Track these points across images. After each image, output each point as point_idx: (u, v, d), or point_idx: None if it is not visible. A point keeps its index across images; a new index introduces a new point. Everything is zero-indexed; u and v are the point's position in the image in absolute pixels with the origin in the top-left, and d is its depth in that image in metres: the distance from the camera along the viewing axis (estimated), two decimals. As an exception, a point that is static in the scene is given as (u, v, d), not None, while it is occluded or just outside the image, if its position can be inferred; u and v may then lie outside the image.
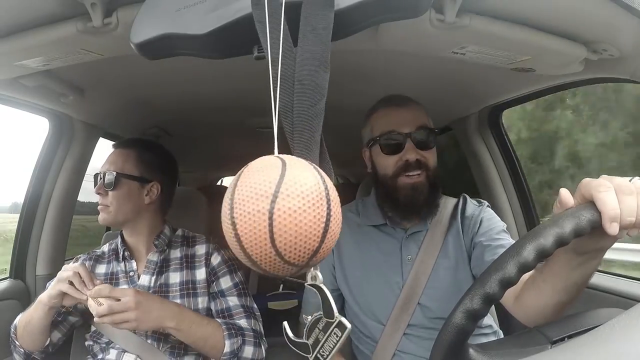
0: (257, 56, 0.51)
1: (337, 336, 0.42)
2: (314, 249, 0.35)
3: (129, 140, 1.11)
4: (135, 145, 1.07)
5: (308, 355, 0.44)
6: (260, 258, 0.35)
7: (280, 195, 0.33)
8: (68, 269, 0.90)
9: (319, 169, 0.38)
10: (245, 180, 0.35)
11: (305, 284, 0.43)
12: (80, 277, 0.88)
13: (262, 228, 0.33)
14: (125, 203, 1.01)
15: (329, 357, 0.43)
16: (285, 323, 0.46)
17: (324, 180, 0.36)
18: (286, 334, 0.45)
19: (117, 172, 1.00)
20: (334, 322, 0.42)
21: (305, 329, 0.44)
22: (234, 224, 0.34)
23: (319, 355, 0.43)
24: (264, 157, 0.37)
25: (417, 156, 0.90)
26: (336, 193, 0.37)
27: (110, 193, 1.00)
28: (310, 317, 0.44)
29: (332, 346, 0.42)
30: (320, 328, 0.43)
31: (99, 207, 1.01)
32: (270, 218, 0.33)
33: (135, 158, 1.04)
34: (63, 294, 0.89)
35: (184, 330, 0.90)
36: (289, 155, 0.38)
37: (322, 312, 0.43)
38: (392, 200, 0.93)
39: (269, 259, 0.34)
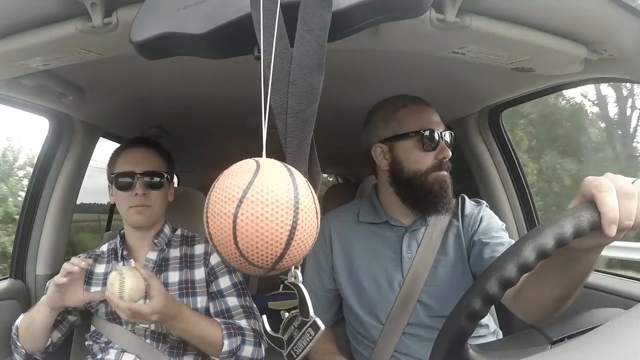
0: (257, 56, 0.51)
1: (310, 335, 0.43)
2: (277, 255, 0.36)
3: (148, 140, 1.10)
4: (155, 144, 1.08)
5: (282, 351, 0.45)
6: (228, 257, 0.37)
7: (246, 201, 0.34)
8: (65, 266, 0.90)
9: (296, 176, 0.38)
10: (220, 182, 0.37)
11: (285, 282, 0.44)
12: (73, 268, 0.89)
13: (227, 230, 0.35)
14: (164, 202, 1.05)
15: (301, 355, 0.44)
16: (264, 316, 0.47)
17: (296, 189, 0.36)
18: (264, 327, 0.47)
19: (164, 172, 1.03)
20: (309, 321, 0.43)
21: (281, 325, 0.45)
22: (207, 222, 0.37)
23: (292, 351, 0.45)
24: (243, 161, 0.39)
25: (450, 155, 0.92)
26: (311, 203, 0.37)
27: (153, 193, 1.01)
28: (287, 313, 0.45)
29: (304, 345, 0.44)
30: (296, 326, 0.44)
31: (137, 208, 1.00)
32: (234, 222, 0.34)
33: (162, 157, 1.06)
34: (60, 292, 0.90)
35: (183, 327, 0.91)
36: (268, 160, 0.39)
37: (298, 311, 0.44)
38: (421, 196, 0.92)
39: (235, 259, 0.36)
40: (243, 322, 0.99)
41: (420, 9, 0.54)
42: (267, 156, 0.41)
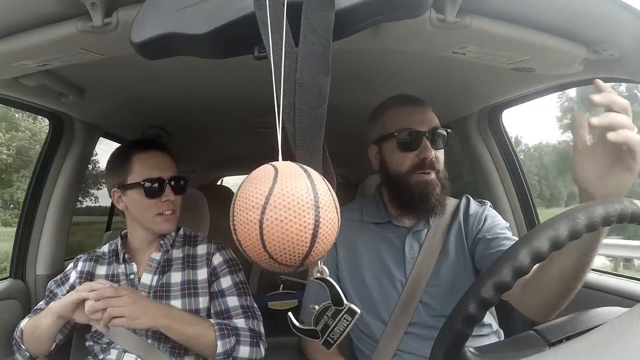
0: (257, 56, 0.51)
1: (347, 321, 0.46)
2: (304, 253, 0.38)
3: (159, 142, 1.09)
4: (166, 147, 1.07)
5: (317, 340, 0.47)
6: (257, 259, 0.39)
7: (269, 206, 0.36)
8: (91, 284, 0.90)
9: (313, 176, 0.39)
10: (243, 191, 0.39)
11: (312, 279, 0.46)
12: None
13: (254, 235, 0.37)
14: (180, 206, 1.04)
15: (339, 339, 0.47)
16: (290, 313, 0.49)
17: (315, 189, 0.38)
18: (292, 323, 0.48)
19: (187, 177, 1.03)
20: (344, 308, 0.46)
21: (313, 317, 0.47)
22: (235, 230, 0.39)
23: (328, 338, 0.47)
24: (260, 168, 0.40)
25: (432, 155, 0.91)
26: (330, 199, 0.39)
27: (177, 198, 1.01)
28: (317, 306, 0.47)
29: (342, 330, 0.46)
30: (329, 315, 0.47)
31: (167, 214, 1.00)
32: (260, 227, 0.37)
33: (174, 160, 1.06)
34: (76, 305, 0.89)
35: (175, 329, 0.91)
36: (285, 163, 0.40)
37: (330, 302, 0.46)
38: (404, 197, 0.93)
39: (264, 260, 0.38)
40: (241, 322, 0.98)
41: (420, 9, 0.54)
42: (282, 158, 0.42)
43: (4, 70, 0.82)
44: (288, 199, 0.36)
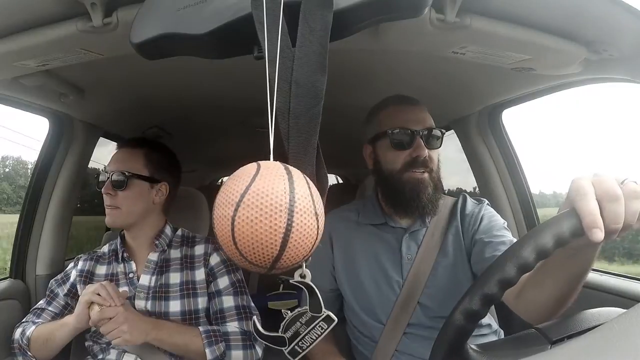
0: (256, 56, 0.51)
1: (322, 329, 0.45)
2: (274, 256, 0.37)
3: (136, 140, 1.09)
4: (143, 144, 1.06)
5: (282, 348, 0.46)
6: (231, 256, 0.39)
7: (242, 204, 0.36)
8: (93, 285, 0.91)
9: (295, 179, 0.38)
10: (224, 187, 0.39)
11: (292, 281, 0.44)
12: (107, 290, 0.90)
13: (227, 232, 0.37)
14: (136, 204, 1.01)
15: (308, 349, 0.45)
16: (255, 318, 0.48)
17: (292, 192, 0.37)
18: (256, 328, 0.47)
19: (128, 172, 1.00)
20: (321, 316, 0.45)
21: (283, 323, 0.46)
22: (214, 224, 0.39)
23: (296, 347, 0.46)
24: (246, 165, 0.40)
25: (425, 154, 0.91)
26: (309, 205, 0.38)
27: (120, 193, 0.99)
28: (290, 311, 0.46)
29: (314, 338, 0.45)
30: (303, 322, 0.45)
31: (107, 209, 1.00)
32: (232, 224, 0.37)
33: (144, 157, 1.04)
34: (88, 311, 0.90)
35: (165, 340, 0.92)
36: (269, 163, 0.40)
37: (307, 307, 0.45)
38: (396, 196, 0.93)
39: (236, 258, 0.39)
40: (234, 325, 0.98)
41: (420, 9, 0.54)
42: (275, 157, 0.41)
43: (4, 70, 0.82)
44: (261, 199, 0.36)
